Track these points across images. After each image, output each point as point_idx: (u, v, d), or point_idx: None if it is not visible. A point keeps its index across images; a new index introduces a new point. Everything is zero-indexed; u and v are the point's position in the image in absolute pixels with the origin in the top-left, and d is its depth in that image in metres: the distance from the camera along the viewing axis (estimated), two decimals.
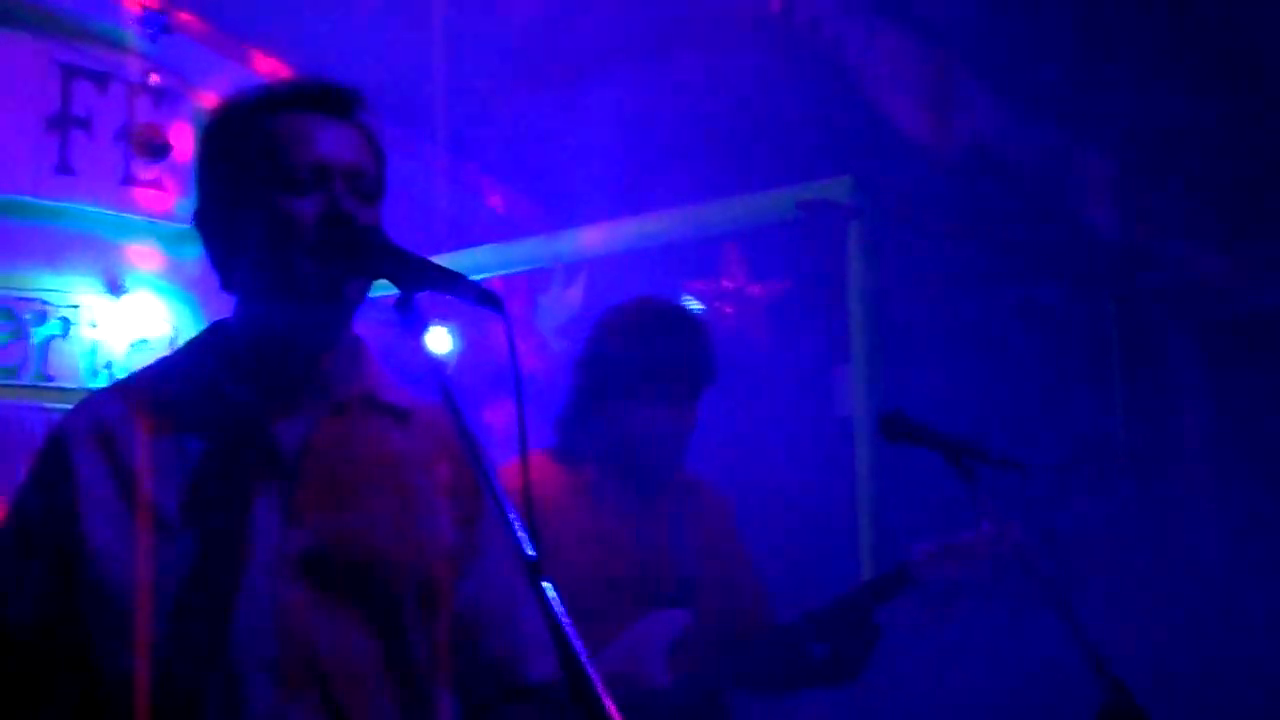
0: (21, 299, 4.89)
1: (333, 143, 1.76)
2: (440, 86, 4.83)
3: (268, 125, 1.76)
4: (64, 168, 5.03)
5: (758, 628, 2.93)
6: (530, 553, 1.34)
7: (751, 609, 2.98)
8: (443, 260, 1.68)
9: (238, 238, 1.77)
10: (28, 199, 4.96)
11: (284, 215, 1.71)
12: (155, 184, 5.11)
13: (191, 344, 1.87)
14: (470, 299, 1.53)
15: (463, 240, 5.02)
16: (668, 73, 4.58)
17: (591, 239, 4.80)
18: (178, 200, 5.12)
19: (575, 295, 4.96)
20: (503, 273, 4.99)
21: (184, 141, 5.06)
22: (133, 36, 4.78)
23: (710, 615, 2.86)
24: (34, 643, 1.72)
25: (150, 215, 5.11)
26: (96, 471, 1.71)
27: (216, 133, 1.83)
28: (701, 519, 2.95)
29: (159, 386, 1.81)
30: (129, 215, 5.12)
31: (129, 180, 5.17)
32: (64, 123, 5.04)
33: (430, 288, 1.55)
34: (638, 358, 2.80)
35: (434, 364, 1.49)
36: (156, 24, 3.62)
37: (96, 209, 5.10)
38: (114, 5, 4.85)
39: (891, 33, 4.07)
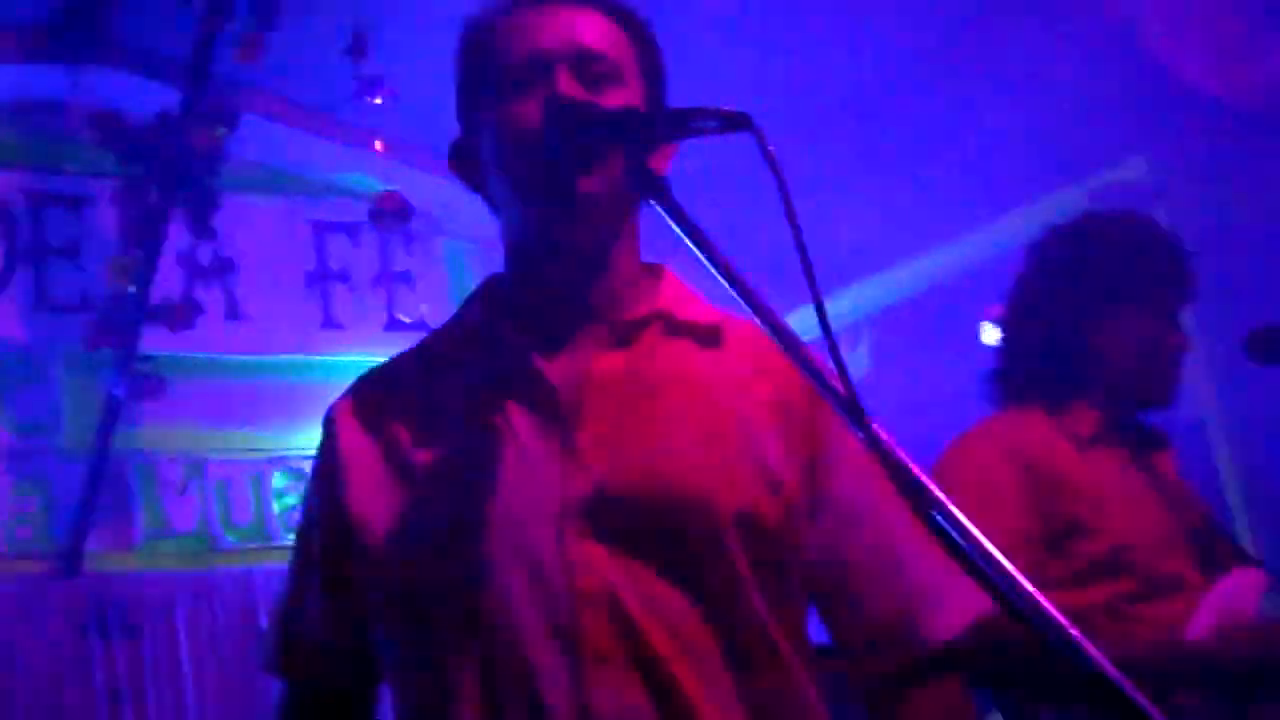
0: (305, 457, 4.85)
1: (552, 30, 1.53)
2: None
3: (492, 32, 1.56)
4: (329, 322, 5.06)
5: None
6: (851, 399, 1.17)
7: None
8: None
9: (481, 165, 1.57)
10: (298, 357, 4.99)
11: (506, 123, 1.50)
12: (419, 326, 5.05)
13: (466, 300, 1.65)
14: (715, 127, 1.31)
15: None
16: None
17: (869, 293, 4.49)
18: None
19: (862, 356, 4.61)
20: None
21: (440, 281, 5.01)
22: (378, 183, 4.77)
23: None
24: (328, 645, 1.61)
25: None
26: (360, 442, 1.56)
27: (457, 60, 1.63)
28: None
29: (429, 348, 1.64)
30: None
31: (393, 326, 5.17)
32: (324, 279, 5.08)
33: (665, 139, 1.41)
34: (1130, 267, 2.50)
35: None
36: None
37: (365, 358, 5.05)
38: (358, 157, 4.90)
39: None
